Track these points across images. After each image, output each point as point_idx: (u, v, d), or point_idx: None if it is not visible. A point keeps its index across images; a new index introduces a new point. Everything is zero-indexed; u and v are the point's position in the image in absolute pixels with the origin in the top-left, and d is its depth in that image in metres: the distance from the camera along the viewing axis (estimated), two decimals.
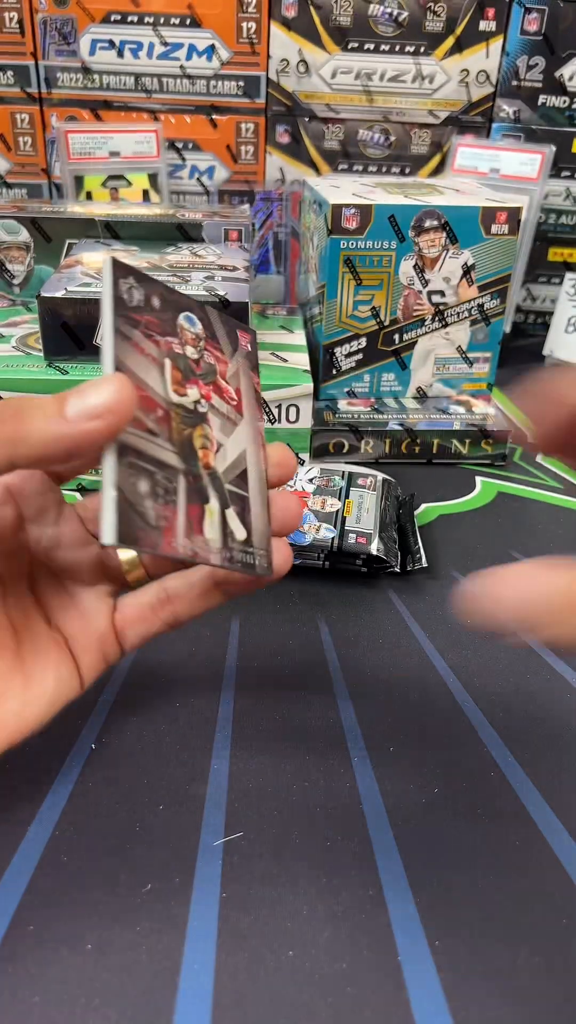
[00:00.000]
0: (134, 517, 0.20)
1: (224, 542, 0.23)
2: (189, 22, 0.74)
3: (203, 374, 0.25)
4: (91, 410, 0.19)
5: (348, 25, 0.75)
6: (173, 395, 0.23)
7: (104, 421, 0.20)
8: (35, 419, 0.19)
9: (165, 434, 0.22)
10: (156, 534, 0.21)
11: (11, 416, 0.19)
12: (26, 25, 0.74)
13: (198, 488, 0.23)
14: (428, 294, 0.53)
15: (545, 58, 0.76)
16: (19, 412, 0.19)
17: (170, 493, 0.22)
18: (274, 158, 0.82)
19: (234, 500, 0.24)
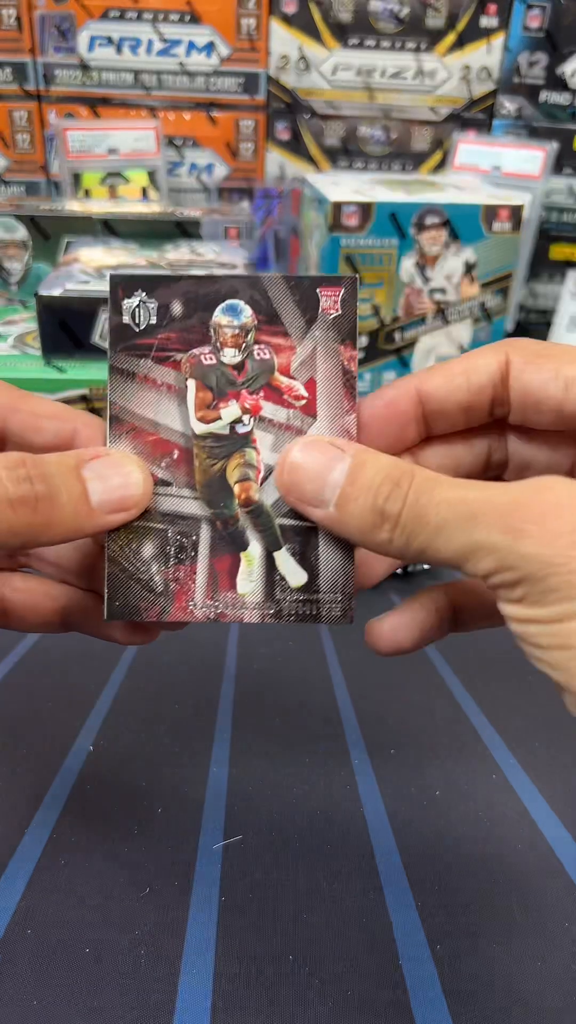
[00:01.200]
0: (133, 587, 0.19)
1: (268, 594, 0.20)
2: (188, 18, 0.74)
3: (248, 380, 0.20)
4: (117, 504, 0.19)
5: (349, 21, 0.75)
6: (198, 425, 0.20)
7: (129, 513, 0.19)
8: (64, 511, 0.18)
9: (183, 478, 0.20)
10: (165, 600, 0.19)
11: (43, 504, 0.18)
12: (24, 21, 0.74)
13: (231, 534, 0.20)
14: (429, 292, 0.53)
15: (547, 54, 0.76)
16: (50, 499, 0.18)
17: (185, 549, 0.19)
18: (274, 155, 0.81)
19: (291, 537, 0.20)
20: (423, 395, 0.20)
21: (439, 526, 0.17)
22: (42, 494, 0.17)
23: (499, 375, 0.19)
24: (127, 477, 0.19)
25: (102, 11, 0.73)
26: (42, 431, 0.21)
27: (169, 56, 0.75)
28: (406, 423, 0.20)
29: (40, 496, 0.17)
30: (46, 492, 0.17)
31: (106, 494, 0.18)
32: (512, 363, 0.19)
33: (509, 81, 0.77)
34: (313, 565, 0.20)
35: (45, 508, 0.17)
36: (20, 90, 0.77)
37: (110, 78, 0.76)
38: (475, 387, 0.19)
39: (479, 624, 0.21)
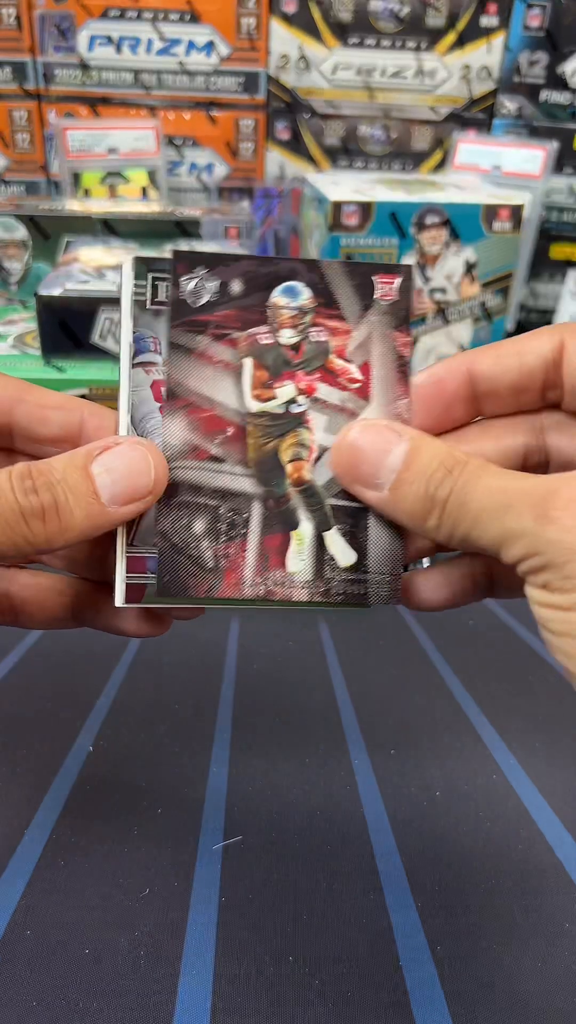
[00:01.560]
0: (183, 563, 0.19)
1: (317, 573, 0.20)
2: (188, 18, 0.74)
3: (304, 361, 0.20)
4: (128, 496, 0.18)
5: (349, 20, 0.75)
6: (253, 403, 0.20)
7: (144, 502, 0.19)
8: (74, 514, 0.18)
9: (236, 456, 0.20)
10: (214, 577, 0.19)
11: (51, 512, 0.18)
12: (24, 21, 0.74)
13: (282, 513, 0.20)
14: (430, 292, 0.53)
15: (547, 54, 0.76)
16: (56, 508, 0.18)
17: (237, 526, 0.19)
18: (274, 154, 0.81)
19: (341, 518, 0.20)
20: (474, 374, 0.20)
21: (478, 514, 0.17)
22: (48, 503, 0.18)
23: (552, 358, 0.19)
24: (136, 465, 0.18)
25: (102, 10, 0.73)
26: (48, 422, 0.20)
27: (169, 55, 0.75)
28: (454, 402, 0.20)
29: (47, 506, 0.17)
30: (52, 501, 0.18)
31: (116, 487, 0.18)
32: (567, 347, 0.19)
33: (509, 80, 0.77)
34: (363, 546, 0.20)
35: (53, 516, 0.18)
36: (20, 90, 0.76)
37: (110, 77, 0.76)
38: (527, 369, 0.19)
39: (512, 594, 0.21)
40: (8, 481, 0.17)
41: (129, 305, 0.20)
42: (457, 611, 0.38)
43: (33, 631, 0.36)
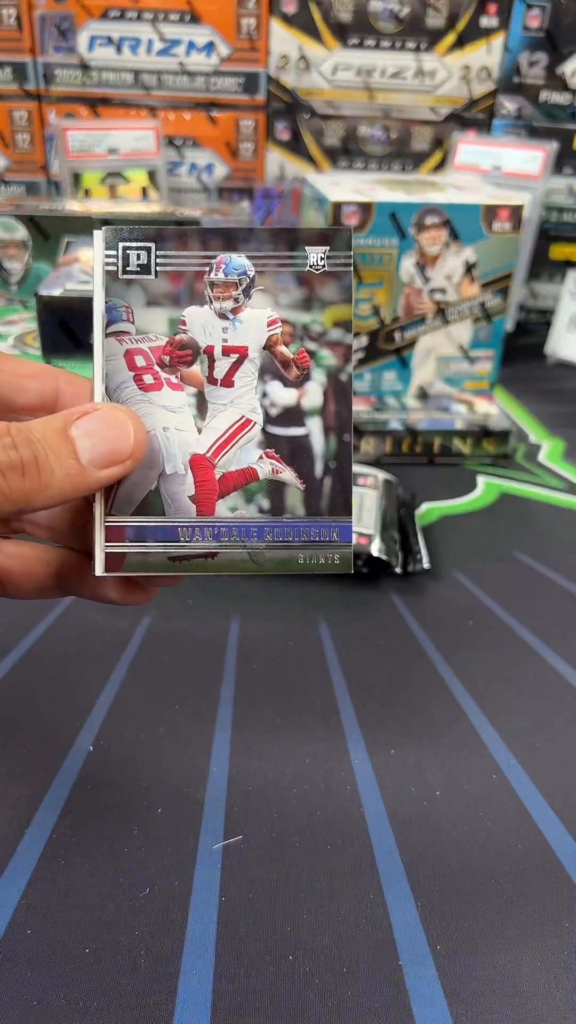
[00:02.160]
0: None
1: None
2: (188, 18, 0.74)
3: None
4: (108, 459, 0.19)
5: (349, 21, 0.75)
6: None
7: (124, 466, 0.19)
8: (54, 472, 0.18)
9: None
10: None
11: (30, 468, 0.18)
12: (24, 21, 0.74)
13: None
14: (429, 292, 0.53)
15: (547, 54, 0.76)
16: (37, 464, 0.18)
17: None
18: (274, 155, 0.81)
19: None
20: None
21: None
22: (28, 459, 0.18)
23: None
24: (116, 430, 0.19)
25: (102, 11, 0.73)
26: (24, 390, 0.21)
27: (169, 56, 0.75)
28: None
29: (27, 461, 0.18)
30: (31, 457, 0.18)
31: (95, 450, 0.18)
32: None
33: (509, 81, 0.77)
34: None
35: (33, 472, 0.18)
36: (20, 90, 0.76)
37: (110, 78, 0.76)
38: None
39: None
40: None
41: (101, 275, 0.20)
42: (457, 611, 0.38)
43: (32, 630, 0.36)
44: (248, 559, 0.20)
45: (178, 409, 0.20)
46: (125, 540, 0.20)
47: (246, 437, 0.21)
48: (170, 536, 0.20)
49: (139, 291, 0.20)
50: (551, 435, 0.59)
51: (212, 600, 0.38)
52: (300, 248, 0.20)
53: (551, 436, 0.59)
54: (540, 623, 0.38)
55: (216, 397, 0.21)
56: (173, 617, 0.37)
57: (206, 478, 0.20)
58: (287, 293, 0.20)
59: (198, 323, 0.20)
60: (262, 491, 0.20)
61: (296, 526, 0.20)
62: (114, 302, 0.20)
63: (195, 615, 0.37)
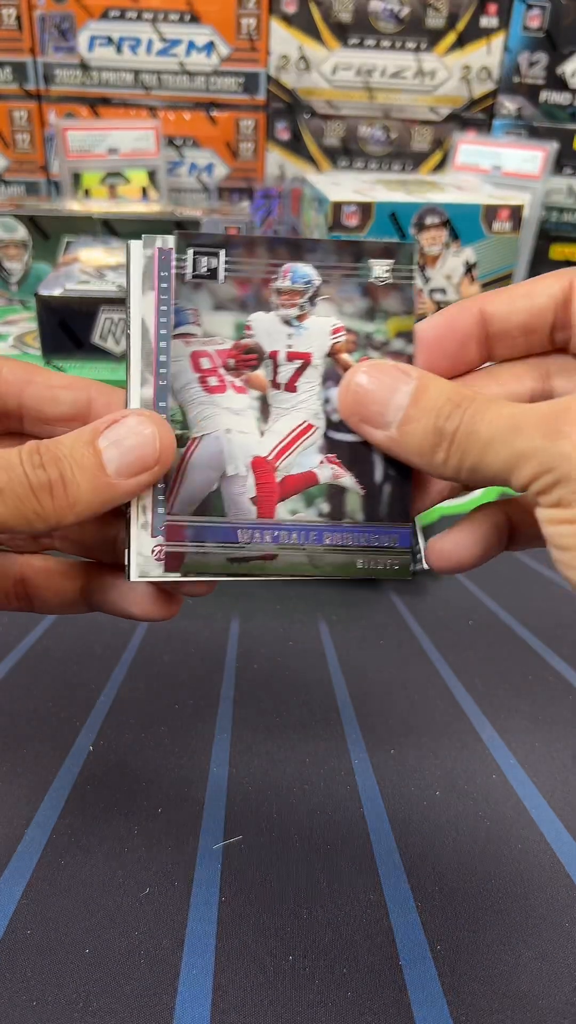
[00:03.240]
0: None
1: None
2: (188, 18, 0.74)
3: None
4: (134, 467, 0.19)
5: (349, 21, 0.75)
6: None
7: (152, 473, 0.19)
8: (81, 487, 0.18)
9: None
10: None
11: (57, 487, 0.18)
12: (24, 21, 0.74)
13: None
14: (429, 292, 0.53)
15: (547, 54, 0.76)
16: (63, 482, 0.18)
17: None
18: (274, 155, 0.81)
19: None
20: (485, 315, 0.20)
21: (487, 440, 0.17)
22: (55, 478, 0.18)
23: (562, 298, 0.19)
24: (142, 438, 0.19)
25: (102, 11, 0.73)
26: (58, 402, 0.21)
27: (169, 56, 0.75)
28: (466, 342, 0.20)
29: (54, 480, 0.18)
30: (58, 475, 0.18)
31: (122, 459, 0.18)
32: (575, 288, 0.19)
33: (509, 81, 0.77)
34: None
35: (60, 490, 0.18)
36: (20, 90, 0.77)
37: (110, 78, 0.76)
38: (537, 308, 0.20)
39: (531, 543, 0.21)
40: (18, 457, 0.18)
41: (139, 279, 0.20)
42: (457, 611, 0.38)
43: (32, 630, 0.36)
44: (307, 562, 0.20)
45: (241, 412, 0.21)
46: (185, 540, 0.20)
47: (307, 441, 0.21)
48: (229, 537, 0.20)
49: (206, 295, 0.20)
50: None
51: (212, 600, 0.38)
52: (365, 260, 0.21)
53: None
54: (540, 623, 0.38)
55: (279, 401, 0.21)
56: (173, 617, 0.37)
57: (267, 480, 0.20)
58: (351, 303, 0.21)
59: (263, 328, 0.21)
60: (322, 495, 0.21)
61: (356, 531, 0.21)
62: (182, 305, 0.20)
63: (195, 615, 0.37)
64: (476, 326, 0.20)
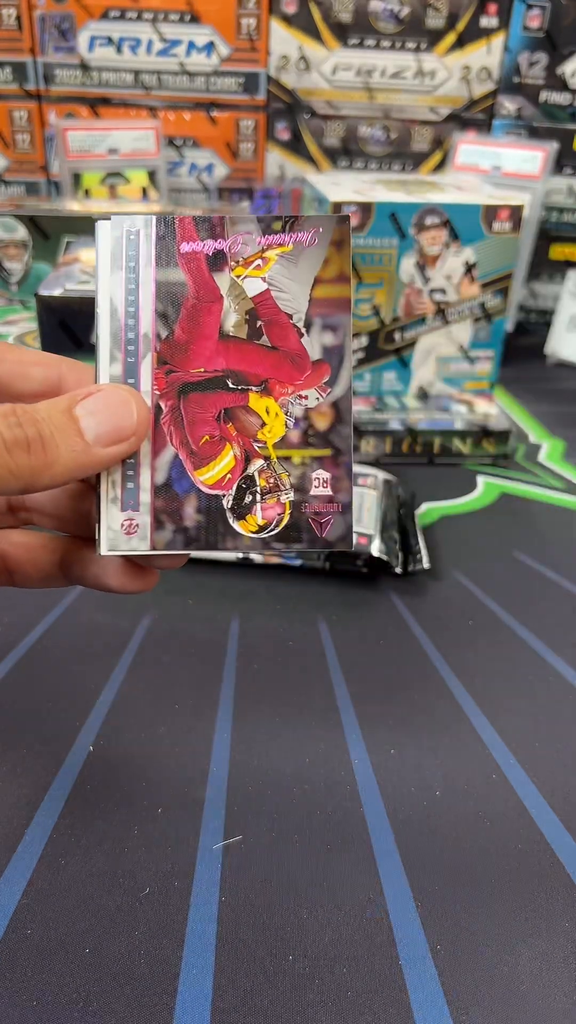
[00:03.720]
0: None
1: None
2: (188, 18, 0.74)
3: None
4: (112, 436, 0.19)
5: (349, 21, 0.75)
6: None
7: (128, 443, 0.19)
8: (60, 449, 0.18)
9: None
10: None
11: (35, 445, 0.18)
12: (24, 21, 0.74)
13: None
14: (429, 292, 0.53)
15: (547, 54, 0.76)
16: (42, 441, 0.18)
17: None
18: (274, 155, 0.81)
19: None
20: None
21: None
22: (33, 436, 0.18)
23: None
24: (120, 408, 0.19)
25: (102, 11, 0.73)
26: (28, 378, 0.21)
27: (169, 56, 0.75)
28: None
29: (32, 438, 0.18)
30: (36, 434, 0.18)
31: (100, 427, 0.19)
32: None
33: (509, 81, 0.77)
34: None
35: (39, 449, 0.18)
36: (20, 90, 0.77)
37: (110, 78, 0.76)
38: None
39: None
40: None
41: (107, 258, 0.20)
42: (457, 611, 0.38)
43: (32, 630, 0.36)
44: None
45: None
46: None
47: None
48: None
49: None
50: (551, 435, 0.59)
51: (212, 600, 0.38)
52: None
53: (551, 436, 0.59)
54: (540, 623, 0.38)
55: None
56: (173, 617, 0.37)
57: None
58: None
59: None
60: None
61: None
62: None
63: (195, 615, 0.37)
64: None
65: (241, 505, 0.21)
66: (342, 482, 0.21)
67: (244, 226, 0.20)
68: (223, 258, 0.20)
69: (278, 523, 0.21)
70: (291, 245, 0.20)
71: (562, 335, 0.72)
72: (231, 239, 0.20)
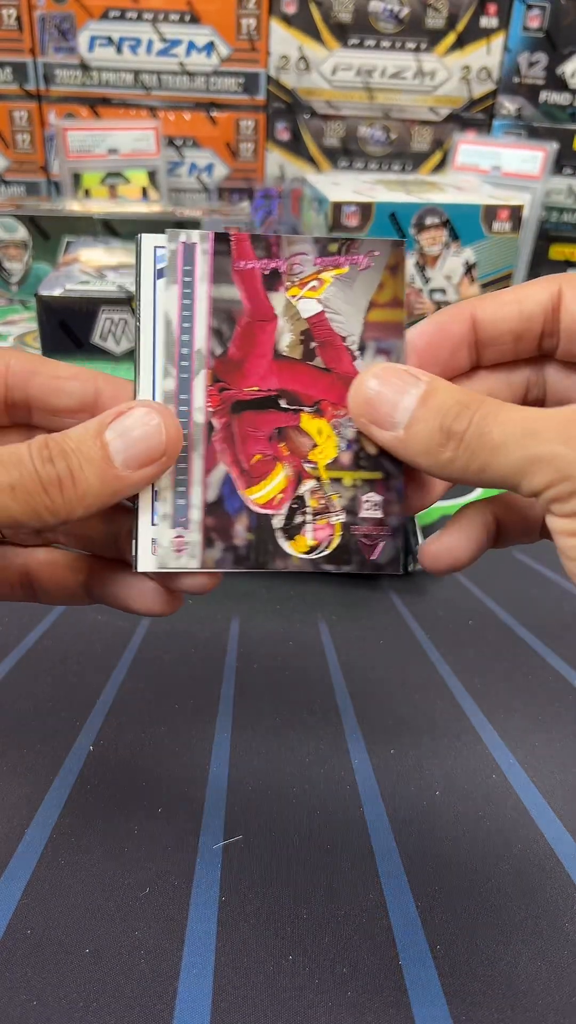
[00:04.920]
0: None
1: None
2: (188, 18, 0.74)
3: None
4: (142, 459, 0.19)
5: (349, 21, 0.75)
6: None
7: (160, 464, 0.19)
8: (89, 481, 0.18)
9: None
10: None
11: (67, 481, 0.18)
12: (24, 21, 0.74)
13: None
14: (429, 292, 0.53)
15: (547, 55, 0.76)
16: (72, 477, 0.18)
17: None
18: (274, 155, 0.81)
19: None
20: (475, 320, 0.20)
21: (500, 442, 0.17)
22: (64, 472, 0.18)
23: (550, 305, 0.19)
24: (150, 429, 0.19)
25: (102, 11, 0.73)
26: (64, 393, 0.21)
27: (169, 56, 0.76)
28: (457, 347, 0.20)
29: (63, 475, 0.18)
30: (67, 469, 0.18)
31: (129, 451, 0.18)
32: (564, 295, 0.19)
33: (509, 81, 0.77)
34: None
35: (69, 484, 0.18)
36: (20, 90, 0.77)
37: (110, 78, 0.76)
38: (526, 314, 0.20)
39: (518, 540, 0.22)
40: (27, 451, 0.18)
41: (151, 272, 0.20)
42: (457, 611, 0.38)
43: (33, 630, 0.36)
44: None
45: None
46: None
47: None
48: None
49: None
50: None
51: (212, 600, 0.38)
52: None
53: None
54: (540, 623, 0.38)
55: None
56: (173, 617, 0.37)
57: None
58: None
59: None
60: None
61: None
62: None
63: (195, 615, 0.37)
64: (467, 331, 0.20)
65: (291, 525, 0.21)
66: (392, 505, 0.21)
67: (300, 246, 0.20)
68: (278, 278, 0.20)
69: (328, 545, 0.21)
70: (347, 267, 0.20)
71: None
72: (287, 259, 0.20)
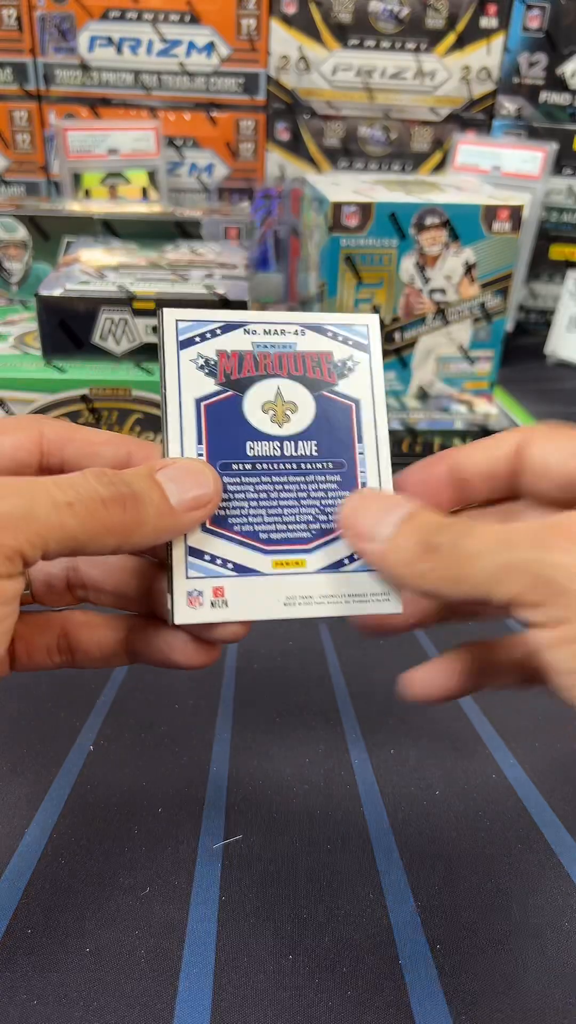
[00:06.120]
0: None
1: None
2: (188, 18, 0.74)
3: None
4: (193, 502, 0.20)
5: (349, 22, 0.75)
6: None
7: (206, 510, 0.20)
8: (149, 512, 0.19)
9: None
10: None
11: (130, 502, 0.19)
12: (24, 21, 0.74)
13: None
14: (429, 292, 0.53)
15: (547, 55, 0.76)
16: (135, 498, 0.19)
17: None
18: (274, 155, 0.81)
19: None
20: (456, 463, 0.22)
21: (475, 552, 0.18)
22: (128, 494, 0.19)
23: (516, 447, 0.21)
24: (198, 477, 0.20)
25: (102, 11, 0.73)
26: (98, 457, 0.21)
27: (169, 56, 0.76)
28: (440, 487, 0.22)
29: (127, 496, 0.19)
30: (131, 493, 0.19)
31: (182, 494, 0.20)
32: (530, 440, 0.21)
33: (509, 81, 0.77)
34: None
35: (133, 506, 0.19)
36: (20, 90, 0.77)
37: (110, 78, 0.76)
38: (495, 456, 0.22)
39: (500, 682, 0.23)
40: (83, 476, 0.19)
41: (174, 346, 0.21)
42: None
43: None
44: None
45: None
46: None
47: None
48: None
49: None
50: None
51: None
52: None
53: None
54: None
55: None
56: None
57: None
58: None
59: None
60: None
61: None
62: None
63: None
64: (447, 473, 0.22)
65: None
66: None
67: None
68: None
69: None
70: None
71: (562, 335, 0.72)
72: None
